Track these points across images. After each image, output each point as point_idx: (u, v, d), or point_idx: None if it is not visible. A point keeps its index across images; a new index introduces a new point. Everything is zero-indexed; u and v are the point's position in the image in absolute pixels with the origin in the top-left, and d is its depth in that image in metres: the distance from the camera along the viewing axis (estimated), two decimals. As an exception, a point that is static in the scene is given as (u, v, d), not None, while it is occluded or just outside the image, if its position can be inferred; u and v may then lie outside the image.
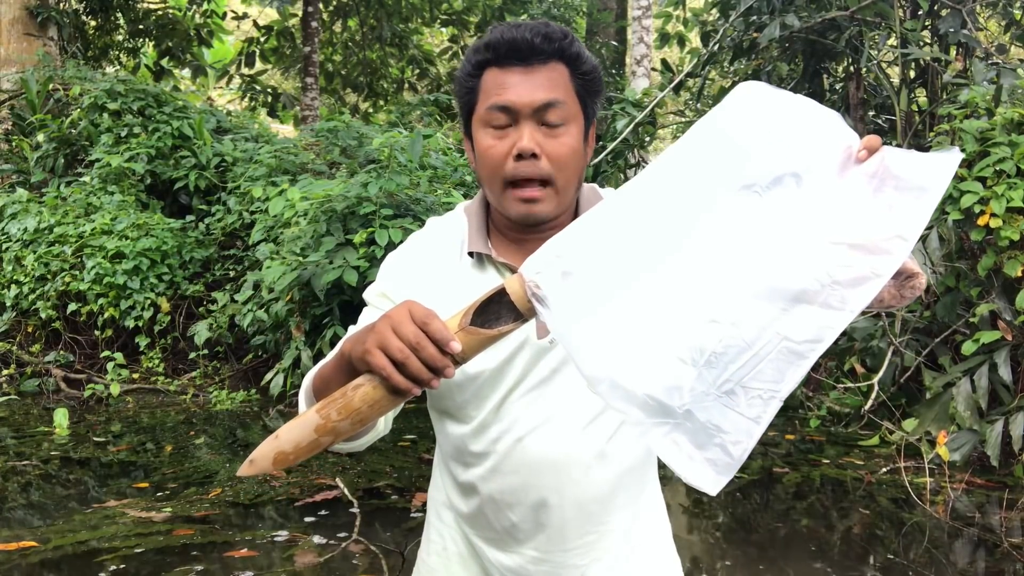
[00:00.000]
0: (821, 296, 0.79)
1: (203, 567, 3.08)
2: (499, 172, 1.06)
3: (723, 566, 3.13)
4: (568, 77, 1.07)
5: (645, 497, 1.21)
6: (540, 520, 1.12)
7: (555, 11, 12.36)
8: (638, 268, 0.82)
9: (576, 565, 1.14)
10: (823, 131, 0.85)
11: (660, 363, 0.80)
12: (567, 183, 1.07)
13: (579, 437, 1.10)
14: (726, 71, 8.81)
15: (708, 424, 0.79)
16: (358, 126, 7.96)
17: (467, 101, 1.10)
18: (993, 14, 7.07)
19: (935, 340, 4.72)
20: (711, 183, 0.83)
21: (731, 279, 0.80)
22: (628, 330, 0.81)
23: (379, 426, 1.09)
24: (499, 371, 1.10)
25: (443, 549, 1.24)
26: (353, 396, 0.82)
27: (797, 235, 0.81)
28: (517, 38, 1.04)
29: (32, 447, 4.81)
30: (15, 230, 6.68)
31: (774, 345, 0.79)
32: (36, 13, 9.28)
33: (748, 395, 0.79)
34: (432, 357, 0.80)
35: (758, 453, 4.54)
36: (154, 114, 7.56)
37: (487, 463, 1.13)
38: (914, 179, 0.82)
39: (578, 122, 1.08)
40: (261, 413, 5.66)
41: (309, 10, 11.24)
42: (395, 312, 0.83)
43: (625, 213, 0.84)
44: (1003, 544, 3.23)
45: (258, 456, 0.82)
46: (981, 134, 4.44)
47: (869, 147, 0.84)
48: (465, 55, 1.12)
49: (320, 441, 0.83)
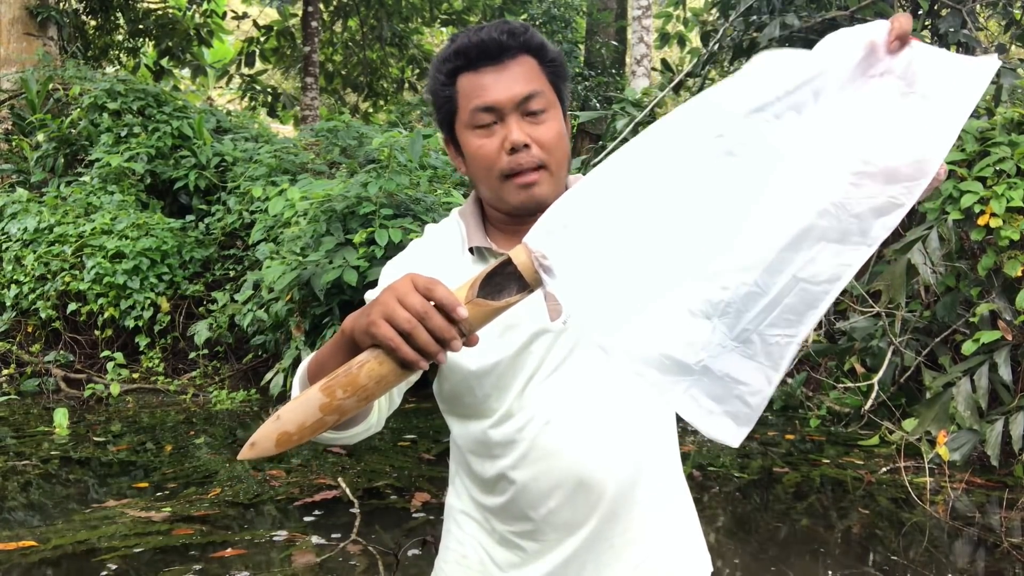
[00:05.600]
0: (838, 231, 0.76)
1: (202, 567, 3.08)
2: (495, 168, 1.10)
3: (723, 566, 3.12)
4: (538, 67, 1.11)
5: (670, 472, 1.22)
6: (577, 502, 1.13)
7: (555, 11, 12.35)
8: (642, 226, 0.80)
9: (610, 542, 1.15)
10: (842, 37, 0.80)
11: (673, 321, 0.79)
12: (559, 165, 1.11)
13: (604, 414, 1.12)
14: (726, 71, 8.80)
15: (726, 377, 0.78)
16: (358, 126, 7.97)
17: (447, 110, 1.14)
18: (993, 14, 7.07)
19: (935, 340, 4.72)
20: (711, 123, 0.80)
21: (740, 225, 0.78)
22: (637, 292, 0.79)
23: (371, 419, 1.08)
24: (518, 358, 1.11)
25: (462, 557, 1.23)
26: (359, 373, 0.80)
27: (810, 165, 0.78)
28: (485, 39, 1.08)
29: (32, 447, 4.81)
30: (15, 230, 6.68)
31: (790, 288, 0.77)
32: (36, 13, 9.29)
33: (765, 343, 0.78)
34: (440, 327, 0.78)
35: (758, 453, 4.54)
36: (154, 114, 7.56)
37: (516, 451, 1.13)
38: (945, 86, 0.77)
39: (556, 107, 1.13)
40: (261, 413, 5.66)
41: (309, 10, 11.24)
42: (398, 283, 0.81)
43: (623, 173, 0.82)
44: (1003, 544, 3.22)
45: (260, 438, 0.80)
46: (981, 134, 4.44)
47: (900, 34, 0.79)
48: (433, 67, 1.15)
49: (325, 420, 0.81)
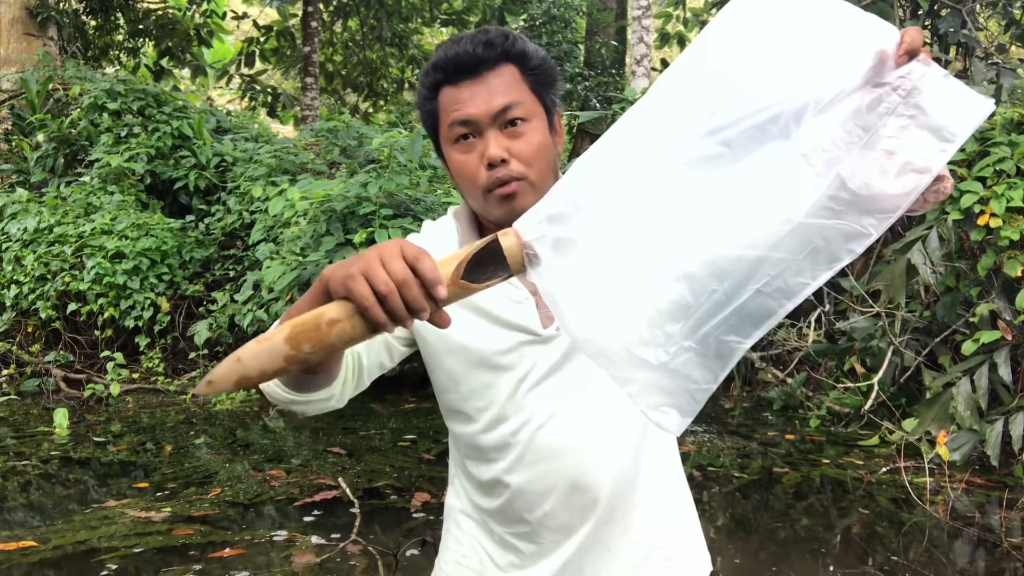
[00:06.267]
0: (807, 250, 0.79)
1: (202, 567, 3.08)
2: (476, 183, 1.09)
3: (723, 566, 3.12)
4: (519, 76, 1.09)
5: (668, 473, 1.23)
6: (573, 504, 1.13)
7: (555, 11, 12.35)
8: (624, 222, 0.82)
9: (607, 544, 1.15)
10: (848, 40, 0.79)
11: (643, 318, 0.81)
12: (541, 177, 1.10)
13: (597, 417, 1.12)
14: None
15: (679, 374, 0.82)
16: (358, 126, 7.97)
17: (431, 123, 1.14)
18: (993, 14, 7.07)
19: (935, 340, 4.72)
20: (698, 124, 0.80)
21: (718, 230, 0.80)
22: (613, 288, 0.82)
23: (334, 390, 1.07)
24: (505, 358, 1.12)
25: (462, 557, 1.23)
26: (329, 332, 0.79)
27: (797, 179, 0.78)
28: (460, 53, 1.07)
29: (32, 447, 4.81)
30: (15, 230, 6.68)
31: (752, 299, 0.80)
32: (36, 13, 9.29)
33: (720, 346, 0.82)
34: (415, 298, 0.77)
35: (758, 453, 4.54)
36: (154, 114, 7.56)
37: (511, 455, 1.13)
38: (943, 116, 0.77)
39: (539, 116, 1.11)
40: (261, 413, 5.66)
41: (309, 10, 11.24)
42: (386, 244, 0.81)
43: (612, 164, 0.83)
44: (1003, 544, 3.22)
45: (217, 377, 0.79)
46: (981, 134, 4.44)
47: (910, 48, 0.78)
48: (419, 80, 1.15)
49: (288, 370, 0.81)
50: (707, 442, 4.75)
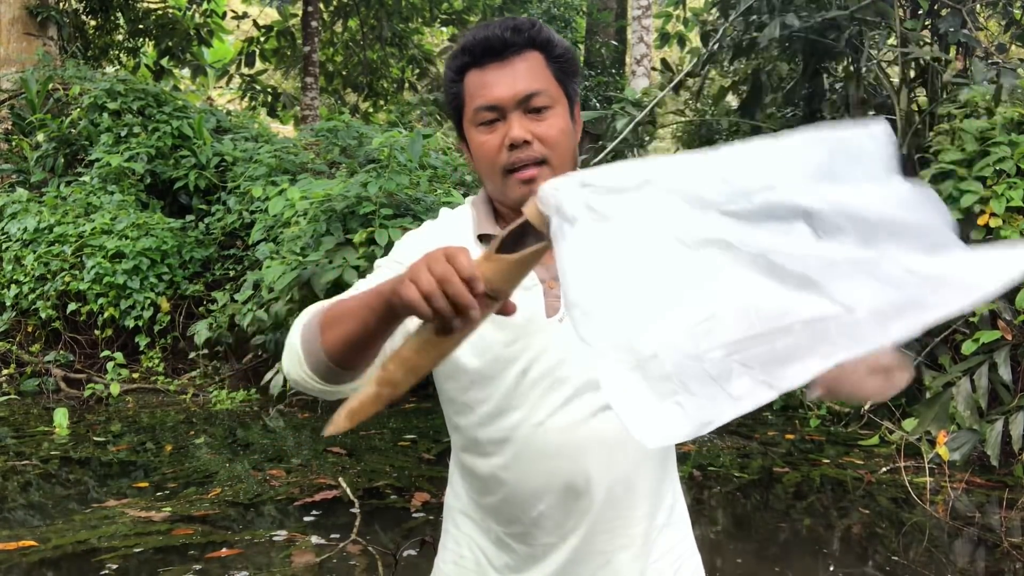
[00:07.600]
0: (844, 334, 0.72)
1: (202, 567, 3.08)
2: (497, 163, 1.11)
3: (723, 566, 3.12)
4: (544, 63, 1.12)
5: (667, 484, 1.22)
6: (567, 506, 1.12)
7: (555, 10, 12.35)
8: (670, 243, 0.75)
9: (603, 551, 1.14)
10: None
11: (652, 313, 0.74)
12: (561, 161, 1.11)
13: (599, 418, 1.11)
14: (726, 71, 8.81)
15: (674, 377, 0.72)
16: (358, 126, 7.96)
17: (455, 106, 1.16)
18: (993, 14, 7.07)
19: (935, 340, 4.71)
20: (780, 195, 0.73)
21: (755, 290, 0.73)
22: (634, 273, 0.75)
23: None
24: (507, 349, 1.11)
25: (460, 557, 1.23)
26: (404, 345, 0.86)
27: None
28: (489, 36, 1.10)
29: (32, 447, 4.81)
30: (15, 230, 6.68)
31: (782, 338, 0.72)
32: (36, 13, 9.28)
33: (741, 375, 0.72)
34: (458, 292, 0.80)
35: (758, 453, 4.54)
36: (154, 114, 7.56)
37: (508, 451, 1.13)
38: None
39: (562, 103, 1.13)
40: (261, 413, 5.66)
41: (309, 10, 11.24)
42: (431, 252, 0.84)
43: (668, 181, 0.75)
44: (1003, 544, 3.22)
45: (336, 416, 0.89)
46: (981, 134, 4.44)
47: None
48: (445, 63, 1.17)
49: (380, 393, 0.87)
50: (707, 442, 4.75)
